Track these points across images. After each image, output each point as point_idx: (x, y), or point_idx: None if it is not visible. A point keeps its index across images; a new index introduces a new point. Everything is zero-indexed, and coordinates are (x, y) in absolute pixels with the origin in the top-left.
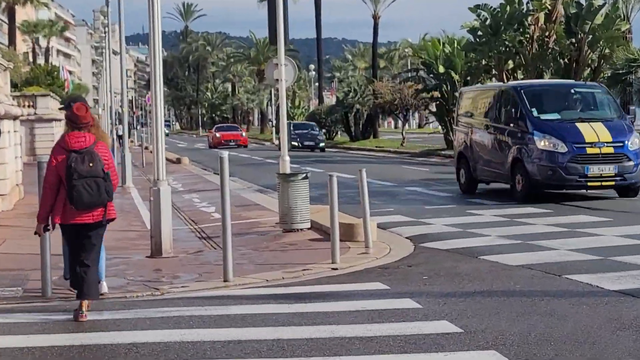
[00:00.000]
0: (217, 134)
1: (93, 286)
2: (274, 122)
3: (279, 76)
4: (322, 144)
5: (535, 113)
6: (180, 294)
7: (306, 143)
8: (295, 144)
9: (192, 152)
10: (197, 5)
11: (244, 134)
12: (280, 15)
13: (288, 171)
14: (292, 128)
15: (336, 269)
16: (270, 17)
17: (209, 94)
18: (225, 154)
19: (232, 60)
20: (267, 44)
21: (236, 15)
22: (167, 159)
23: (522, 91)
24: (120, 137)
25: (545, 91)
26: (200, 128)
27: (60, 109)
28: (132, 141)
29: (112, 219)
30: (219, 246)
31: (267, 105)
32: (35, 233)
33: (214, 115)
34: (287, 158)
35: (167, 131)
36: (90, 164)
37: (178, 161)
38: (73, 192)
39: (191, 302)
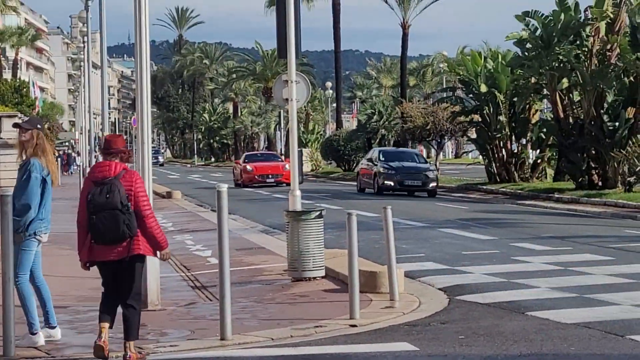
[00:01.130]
0: (249, 167)
1: (137, 327)
2: (283, 149)
3: (289, 95)
4: (432, 185)
5: None
6: (169, 355)
7: (408, 183)
8: (390, 183)
9: (186, 185)
10: (193, 10)
11: (287, 166)
12: (291, 23)
13: (299, 208)
14: (380, 157)
15: (355, 325)
16: (280, 26)
17: (206, 115)
18: (223, 187)
19: (234, 76)
20: (275, 57)
21: (240, 23)
22: (155, 193)
23: None
24: None
25: None
26: (196, 156)
27: (14, 125)
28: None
29: (141, 256)
30: (216, 297)
31: (275, 129)
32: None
33: (211, 141)
34: (298, 193)
35: (160, 159)
36: (107, 196)
37: (168, 195)
38: (90, 226)
39: None
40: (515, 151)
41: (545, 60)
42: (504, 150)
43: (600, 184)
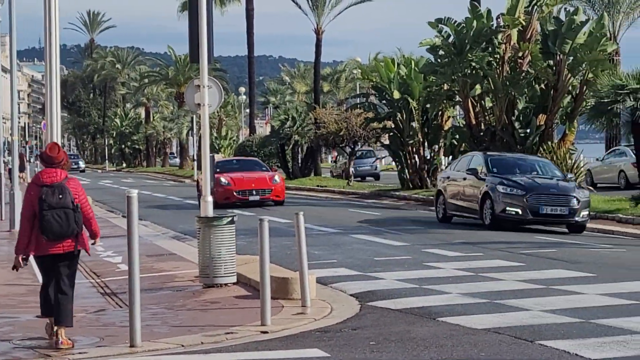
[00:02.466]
0: (223, 179)
1: (69, 314)
2: (196, 155)
3: (201, 100)
4: (584, 214)
5: None
6: None
7: (548, 211)
8: (516, 210)
9: (96, 191)
10: (104, 14)
11: (277, 177)
12: (203, 27)
13: (211, 214)
14: (490, 166)
15: (266, 332)
16: (192, 30)
17: (117, 120)
18: (133, 192)
19: (146, 80)
20: (188, 62)
21: (152, 27)
22: None
23: None
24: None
25: None
26: (107, 162)
27: None
28: (22, 178)
29: (85, 250)
30: (126, 304)
31: (188, 134)
32: (14, 267)
33: (123, 146)
34: (210, 198)
35: (81, 165)
36: (60, 196)
37: None
38: (43, 222)
39: None
40: (428, 157)
41: (457, 67)
42: (416, 156)
43: None
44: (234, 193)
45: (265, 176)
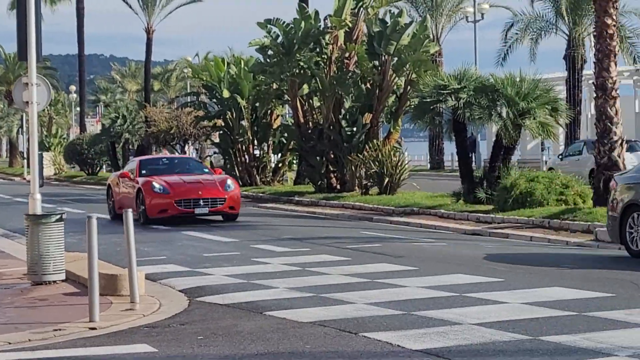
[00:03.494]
0: (157, 184)
1: None
2: (25, 152)
3: (30, 98)
4: None
5: None
6: None
7: None
8: None
9: None
10: None
11: (230, 182)
12: (32, 24)
13: (39, 212)
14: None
15: (95, 328)
16: (20, 28)
17: None
18: None
19: None
20: (17, 60)
21: None
22: None
23: None
24: None
25: None
26: None
27: None
28: None
29: None
30: None
31: (18, 133)
32: None
33: None
34: (39, 196)
35: None
36: None
37: None
38: None
39: None
40: (258, 155)
41: (286, 66)
42: (246, 154)
43: (338, 187)
44: (174, 204)
45: (215, 181)
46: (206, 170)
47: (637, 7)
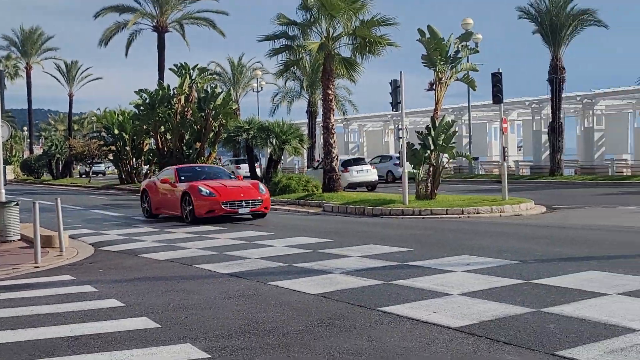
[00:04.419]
0: (204, 188)
1: None
2: None
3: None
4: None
5: None
6: None
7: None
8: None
9: None
10: None
11: (262, 186)
12: None
13: (3, 200)
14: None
15: (38, 267)
16: None
17: None
18: None
19: None
20: None
21: None
22: None
23: None
24: None
25: None
26: None
27: None
28: None
29: None
30: None
31: None
32: None
33: None
34: (3, 191)
35: None
36: None
37: None
38: None
39: None
40: (135, 166)
41: (151, 115)
42: (128, 165)
43: None
44: (222, 205)
45: (250, 185)
46: (232, 176)
47: (345, 84)
